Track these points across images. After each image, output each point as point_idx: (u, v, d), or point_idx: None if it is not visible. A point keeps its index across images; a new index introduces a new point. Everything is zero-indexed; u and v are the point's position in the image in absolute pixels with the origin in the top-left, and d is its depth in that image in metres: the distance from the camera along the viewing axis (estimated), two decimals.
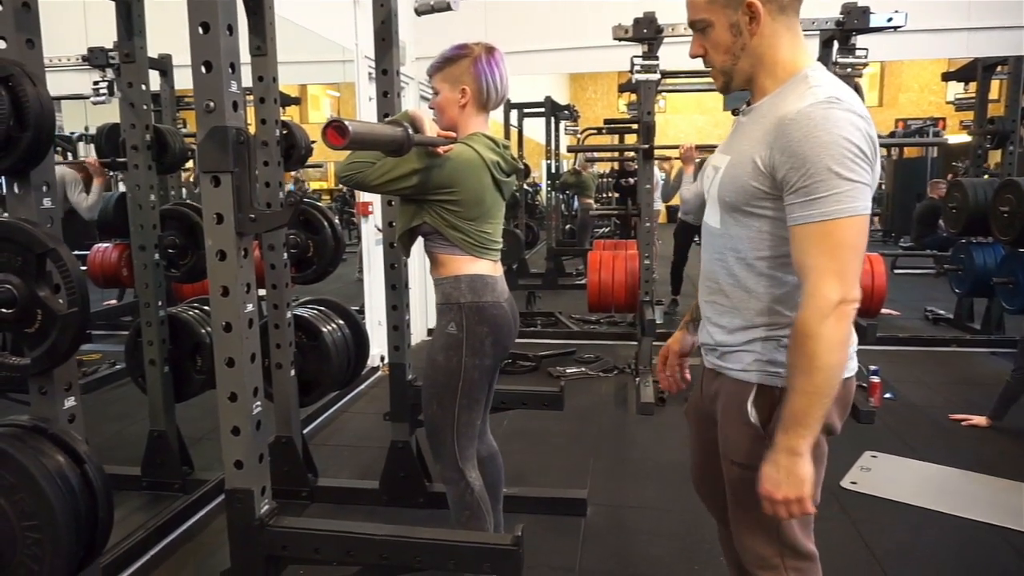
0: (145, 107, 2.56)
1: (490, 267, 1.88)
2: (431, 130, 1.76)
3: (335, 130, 1.39)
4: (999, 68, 5.31)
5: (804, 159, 1.13)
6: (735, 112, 1.40)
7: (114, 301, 5.91)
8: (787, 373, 1.21)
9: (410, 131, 1.60)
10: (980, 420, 3.44)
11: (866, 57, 3.90)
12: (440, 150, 1.72)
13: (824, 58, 4.09)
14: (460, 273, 1.83)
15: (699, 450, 1.55)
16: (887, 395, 3.83)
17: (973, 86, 5.63)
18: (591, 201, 9.18)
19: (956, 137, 9.94)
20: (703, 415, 1.47)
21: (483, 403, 1.96)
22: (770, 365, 1.27)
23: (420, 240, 1.90)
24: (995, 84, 5.87)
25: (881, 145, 4.22)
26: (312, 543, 1.60)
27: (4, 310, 1.38)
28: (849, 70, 3.88)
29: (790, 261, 1.20)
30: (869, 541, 2.43)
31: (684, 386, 1.65)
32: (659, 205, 6.35)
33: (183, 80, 4.31)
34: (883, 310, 4.80)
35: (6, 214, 1.44)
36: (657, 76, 4.25)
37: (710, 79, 1.38)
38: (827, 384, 1.16)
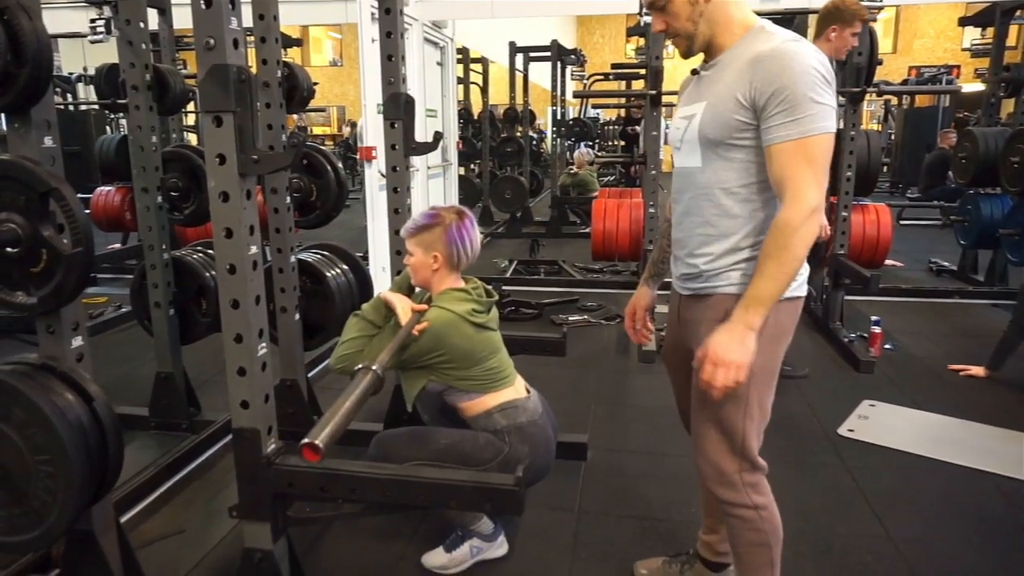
0: (144, 46, 2.52)
1: (512, 392, 1.96)
2: (403, 311, 1.84)
3: (309, 450, 1.39)
4: (1017, 12, 5.17)
5: (783, 86, 1.29)
6: (694, 71, 1.54)
7: (118, 245, 5.93)
8: (759, 260, 1.35)
9: (378, 369, 1.61)
10: (978, 371, 3.46)
11: (881, 1, 3.79)
12: (415, 331, 1.79)
13: None
14: (488, 408, 1.92)
15: (681, 384, 1.71)
16: (887, 346, 3.85)
17: (990, 32, 5.49)
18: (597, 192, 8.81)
19: (971, 86, 9.74)
20: (680, 348, 1.62)
21: None
22: None
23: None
24: (1013, 29, 5.73)
25: (892, 93, 4.13)
26: (318, 481, 1.64)
27: (9, 249, 1.39)
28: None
29: (768, 185, 1.37)
30: (863, 486, 2.47)
31: (651, 336, 1.89)
32: (664, 153, 6.26)
33: (181, 20, 4.22)
34: (887, 261, 4.77)
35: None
36: None
37: None
38: (791, 274, 1.34)
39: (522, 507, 1.58)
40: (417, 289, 2.03)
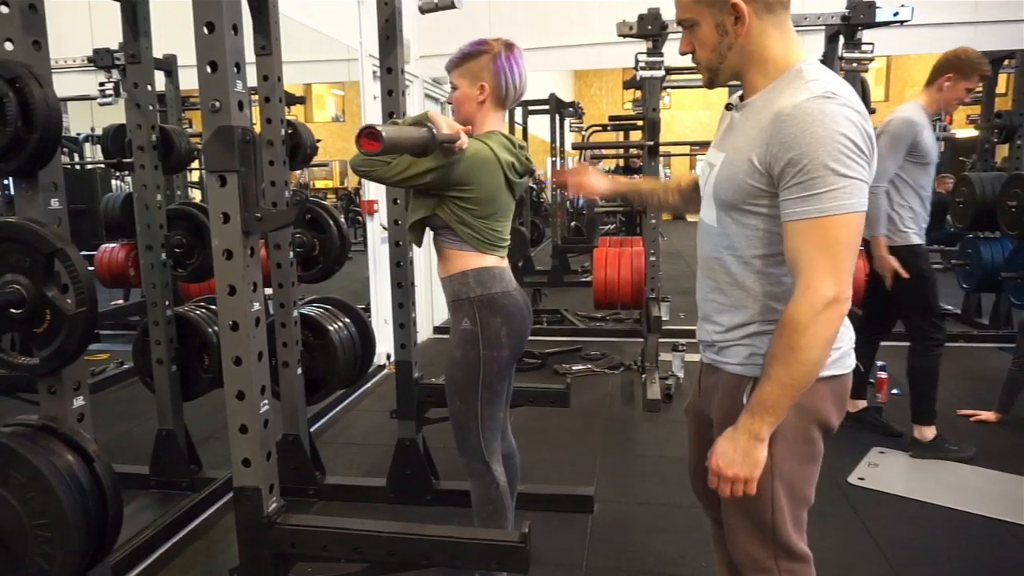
0: (151, 107, 2.57)
1: (496, 260, 1.90)
2: (449, 124, 1.75)
3: (369, 137, 1.43)
4: (1006, 62, 5.28)
5: (800, 155, 1.11)
6: (728, 107, 1.37)
7: (121, 301, 5.94)
8: (765, 360, 1.20)
9: (435, 132, 1.63)
10: (988, 415, 3.42)
11: (872, 52, 3.88)
12: (456, 147, 1.73)
13: (830, 53, 4.08)
14: (467, 268, 1.85)
15: (696, 448, 1.56)
16: (894, 391, 3.81)
17: None
18: (597, 198, 9.18)
19: (963, 132, 9.88)
20: (700, 413, 1.48)
21: (504, 395, 1.97)
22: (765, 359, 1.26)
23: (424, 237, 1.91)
24: (1002, 78, 5.83)
25: None
26: (320, 540, 1.61)
27: (13, 310, 1.39)
28: (855, 65, 3.86)
29: (784, 258, 1.20)
30: (876, 536, 2.42)
31: (576, 176, 1.80)
32: None
33: (188, 80, 4.33)
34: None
35: (15, 215, 1.45)
36: (662, 72, 4.24)
37: None
38: (805, 378, 1.16)
39: (528, 565, 1.54)
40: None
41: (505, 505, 1.95)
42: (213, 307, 2.80)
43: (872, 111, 3.87)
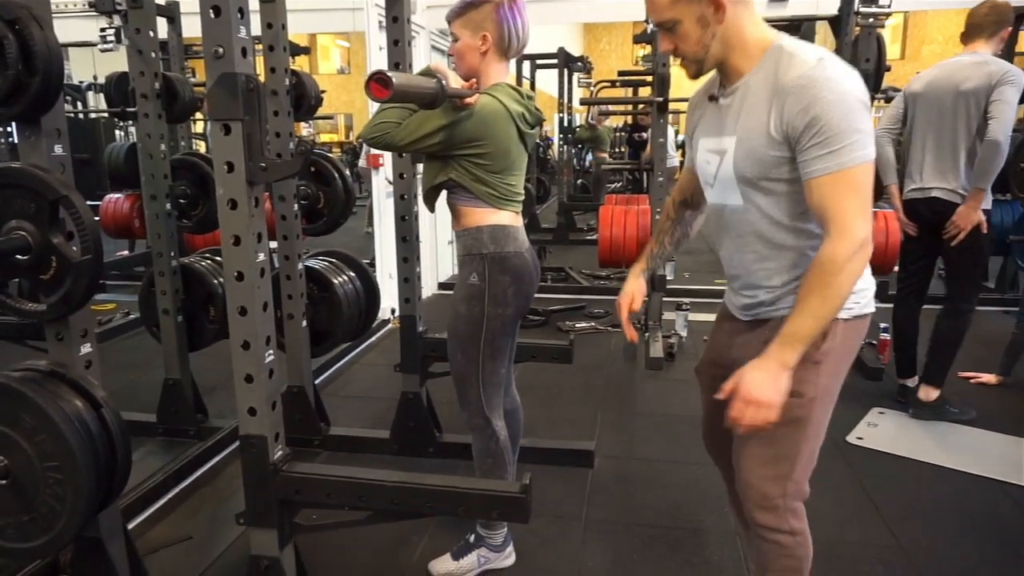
0: (153, 54, 2.53)
1: (511, 218, 1.88)
2: (455, 83, 1.73)
3: (379, 82, 1.40)
4: None
5: (816, 118, 1.21)
6: (711, 98, 1.42)
7: (126, 252, 5.96)
8: (799, 294, 1.28)
9: (444, 83, 1.60)
10: (989, 378, 3.44)
11: (889, 7, 3.78)
12: (468, 101, 1.70)
13: (845, 8, 3.97)
14: (482, 224, 1.84)
15: (712, 405, 1.58)
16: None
17: None
18: (605, 155, 9.13)
19: None
20: (721, 369, 1.50)
21: (506, 352, 1.98)
22: None
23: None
24: (1022, 35, 5.67)
25: None
26: (325, 488, 1.64)
27: (19, 256, 1.39)
28: (871, 20, 3.76)
29: (810, 212, 1.29)
30: (873, 495, 2.46)
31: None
32: (673, 160, 6.29)
33: (191, 28, 4.25)
34: (896, 267, 4.75)
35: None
36: None
37: None
38: (835, 311, 1.27)
39: (528, 515, 1.57)
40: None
41: (506, 459, 1.98)
42: (218, 259, 2.81)
43: (887, 68, 3.79)
